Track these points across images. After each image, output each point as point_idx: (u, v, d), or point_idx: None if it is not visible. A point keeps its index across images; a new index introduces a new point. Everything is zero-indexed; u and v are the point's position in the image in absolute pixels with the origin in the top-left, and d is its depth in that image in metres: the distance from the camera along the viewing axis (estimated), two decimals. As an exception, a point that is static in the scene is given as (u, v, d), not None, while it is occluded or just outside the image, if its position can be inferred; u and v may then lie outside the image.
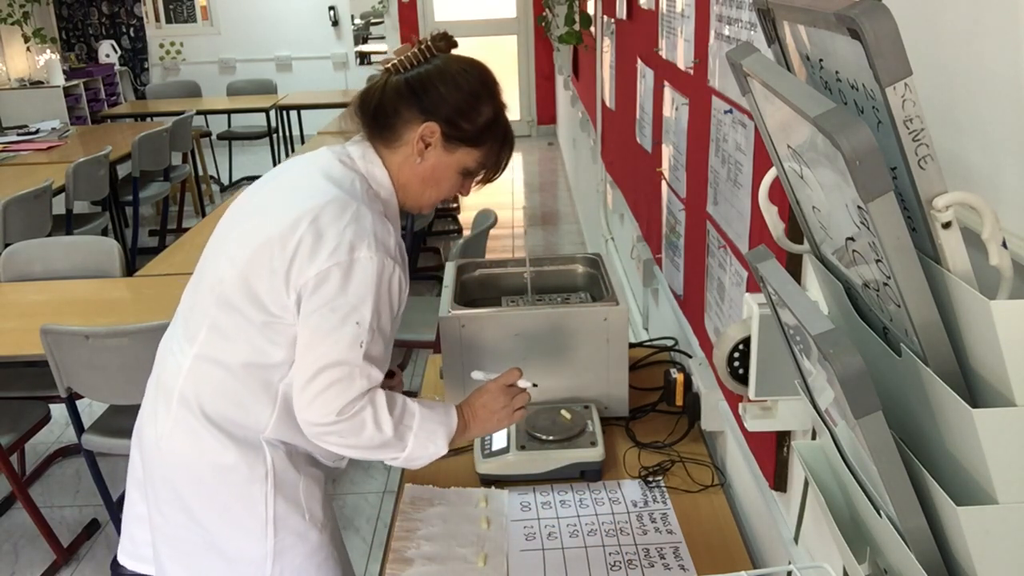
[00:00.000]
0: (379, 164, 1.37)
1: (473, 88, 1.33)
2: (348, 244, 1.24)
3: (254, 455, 1.37)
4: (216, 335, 1.34)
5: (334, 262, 1.23)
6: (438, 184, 1.39)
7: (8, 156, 4.95)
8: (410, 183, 1.38)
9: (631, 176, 2.82)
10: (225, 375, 1.34)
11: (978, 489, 0.61)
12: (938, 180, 0.59)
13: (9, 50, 7.23)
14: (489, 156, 1.38)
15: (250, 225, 1.34)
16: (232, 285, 1.30)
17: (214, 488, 1.38)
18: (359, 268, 1.24)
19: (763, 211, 0.91)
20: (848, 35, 0.58)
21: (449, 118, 1.32)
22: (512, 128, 1.42)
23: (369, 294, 1.25)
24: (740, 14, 1.39)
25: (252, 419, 1.36)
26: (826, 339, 0.61)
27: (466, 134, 1.34)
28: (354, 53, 8.53)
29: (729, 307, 1.54)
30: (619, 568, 1.40)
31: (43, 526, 2.63)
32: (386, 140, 1.36)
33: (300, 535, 1.42)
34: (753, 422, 1.20)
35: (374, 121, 1.36)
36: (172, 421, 1.38)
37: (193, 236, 3.28)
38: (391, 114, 1.34)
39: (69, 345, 2.23)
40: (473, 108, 1.33)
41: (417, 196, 1.40)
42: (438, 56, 1.35)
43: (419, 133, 1.32)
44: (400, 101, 1.33)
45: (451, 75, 1.32)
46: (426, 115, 1.32)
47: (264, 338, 1.31)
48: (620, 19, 2.84)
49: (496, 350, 1.74)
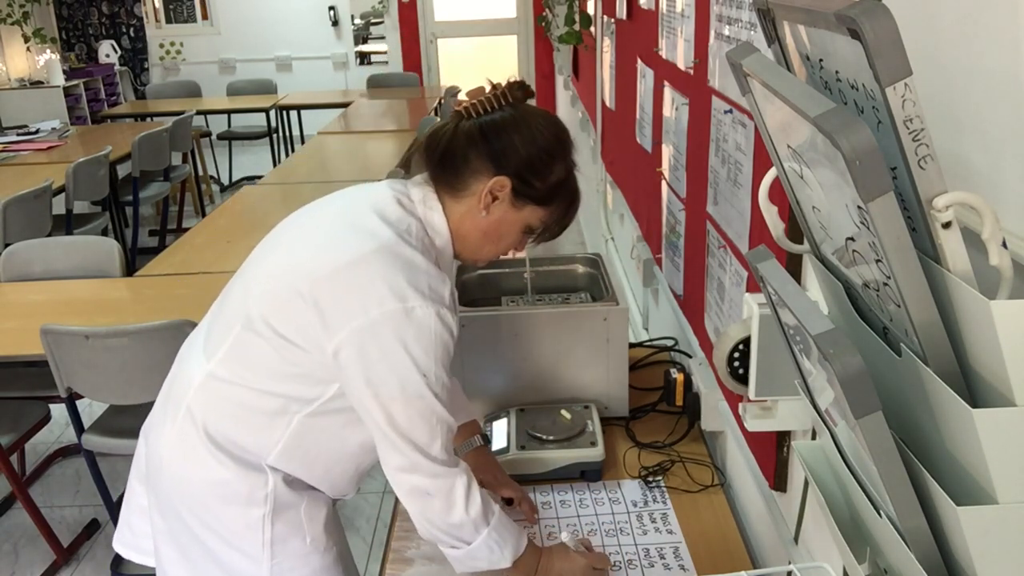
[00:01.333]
0: (439, 211, 1.29)
1: (548, 144, 1.26)
2: (401, 294, 1.16)
3: (255, 477, 1.31)
4: (236, 357, 1.28)
5: (385, 310, 1.16)
6: (499, 240, 1.32)
7: (8, 156, 4.95)
8: (470, 235, 1.31)
9: (631, 176, 2.82)
10: (238, 397, 1.28)
11: (978, 489, 0.61)
12: (938, 180, 0.59)
13: (9, 50, 7.23)
14: (555, 216, 1.32)
15: (295, 253, 1.27)
16: (263, 311, 1.24)
17: (212, 506, 1.33)
18: (415, 319, 1.17)
19: (763, 211, 0.91)
20: (848, 35, 0.58)
21: (520, 174, 1.25)
22: (580, 189, 1.34)
23: (430, 345, 1.18)
24: (740, 14, 1.39)
25: (256, 445, 1.31)
26: (826, 339, 0.61)
27: (536, 192, 1.27)
28: (354, 53, 8.53)
29: (729, 307, 1.54)
30: (619, 568, 1.40)
31: (43, 526, 2.63)
32: (451, 187, 1.28)
33: (301, 558, 1.36)
34: (753, 422, 1.20)
35: (441, 166, 1.28)
36: (177, 433, 1.33)
37: (193, 236, 3.28)
38: (460, 161, 1.26)
39: (69, 345, 2.23)
40: (546, 166, 1.26)
41: (475, 249, 1.33)
42: (513, 105, 1.27)
43: (488, 186, 1.25)
44: (472, 149, 1.25)
45: (527, 127, 1.25)
46: (497, 167, 1.24)
47: (288, 370, 1.25)
48: (620, 19, 2.84)
49: (496, 350, 1.74)
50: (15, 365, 2.76)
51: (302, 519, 1.36)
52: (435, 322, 1.18)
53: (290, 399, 1.27)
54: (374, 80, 7.20)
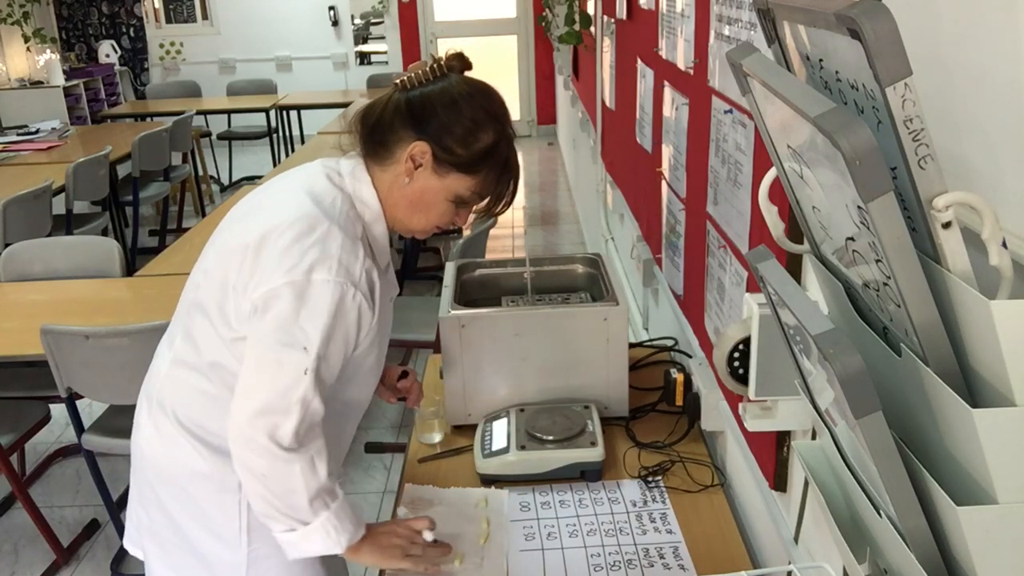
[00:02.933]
0: (368, 183, 1.32)
1: (474, 113, 1.27)
2: (307, 265, 1.19)
3: (227, 464, 1.32)
4: (189, 342, 1.33)
5: (287, 280, 1.19)
6: (427, 209, 1.32)
7: (8, 156, 4.95)
8: (398, 205, 1.33)
9: (631, 176, 2.82)
10: (195, 381, 1.33)
11: (978, 489, 0.61)
12: (938, 180, 0.59)
13: (9, 50, 7.23)
14: (485, 186, 1.31)
15: (229, 234, 1.32)
16: (205, 293, 1.29)
17: (190, 493, 1.37)
18: (314, 291, 1.19)
19: (763, 211, 0.91)
20: (848, 35, 0.58)
21: (441, 139, 1.26)
22: (518, 160, 1.33)
23: (322, 319, 1.20)
24: (740, 14, 1.39)
25: (221, 427, 1.31)
26: (826, 339, 0.61)
27: (459, 159, 1.27)
28: (354, 53, 8.53)
29: (729, 307, 1.54)
30: (619, 568, 1.40)
31: (43, 526, 2.63)
32: (378, 157, 1.31)
33: (277, 544, 1.35)
34: (753, 422, 1.20)
35: (370, 136, 1.31)
36: (152, 425, 1.38)
37: (193, 236, 3.28)
38: (387, 130, 1.29)
39: (69, 345, 2.23)
40: (470, 133, 1.26)
41: (405, 219, 1.35)
42: (447, 76, 1.29)
43: (408, 151, 1.27)
44: (397, 118, 1.28)
45: (452, 98, 1.26)
46: (419, 133, 1.27)
47: (230, 353, 1.28)
48: (620, 19, 2.84)
49: (496, 350, 1.74)
50: (15, 365, 2.76)
51: None
52: (334, 299, 1.20)
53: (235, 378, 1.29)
54: (374, 80, 7.20)
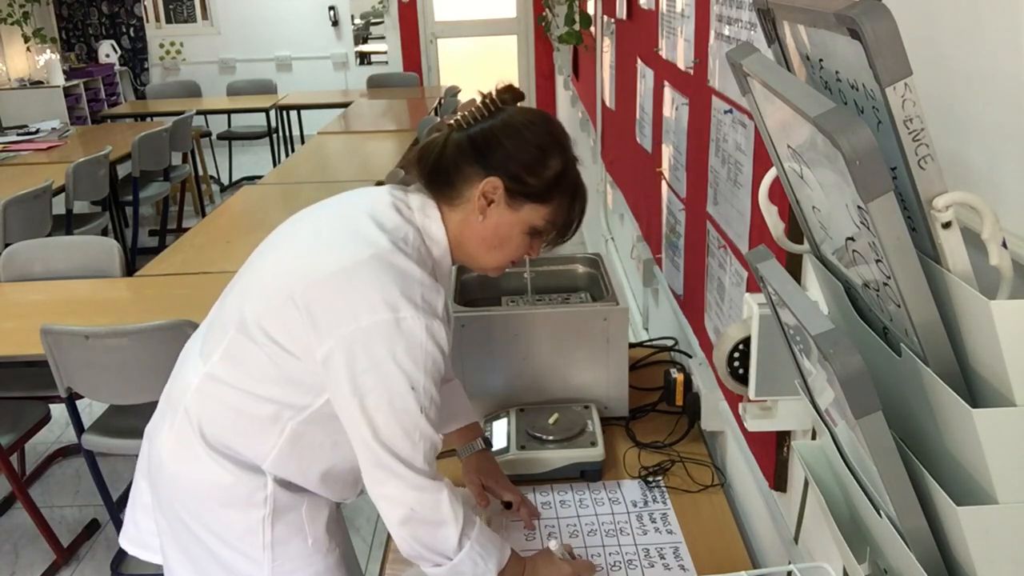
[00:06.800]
0: (438, 220, 1.27)
1: (540, 140, 1.24)
2: (393, 303, 1.15)
3: (254, 480, 1.31)
4: (230, 360, 1.27)
5: (376, 319, 1.14)
6: (502, 245, 1.28)
7: (8, 156, 4.95)
8: (470, 243, 1.28)
9: (631, 176, 2.82)
10: (232, 401, 1.27)
11: (978, 489, 0.61)
12: (938, 180, 0.59)
13: (9, 50, 7.23)
14: (558, 213, 1.27)
15: (290, 257, 1.26)
16: (257, 315, 1.23)
17: (212, 508, 1.33)
18: (405, 329, 1.15)
19: (763, 211, 0.91)
20: (848, 35, 0.58)
21: (512, 172, 1.23)
22: (585, 185, 1.30)
23: (419, 354, 1.16)
24: (740, 14, 1.39)
25: (251, 450, 1.30)
26: (826, 339, 0.61)
27: (532, 189, 1.24)
28: (354, 53, 8.53)
29: (729, 307, 1.54)
30: (619, 568, 1.40)
31: (43, 526, 2.63)
32: (447, 197, 1.27)
33: (303, 559, 1.35)
34: (753, 422, 1.20)
35: (433, 177, 1.27)
36: (175, 436, 1.33)
37: (193, 236, 3.28)
38: (451, 171, 1.25)
39: (69, 345, 2.23)
40: (539, 162, 1.23)
41: (478, 257, 1.31)
42: (503, 109, 1.26)
43: (481, 189, 1.22)
44: (461, 156, 1.24)
45: (515, 128, 1.23)
46: (487, 170, 1.23)
47: (280, 375, 1.24)
48: (620, 19, 2.84)
49: (496, 350, 1.74)
50: (15, 365, 2.75)
51: (303, 521, 1.35)
52: (425, 335, 1.16)
53: (282, 405, 1.26)
54: (374, 80, 7.20)
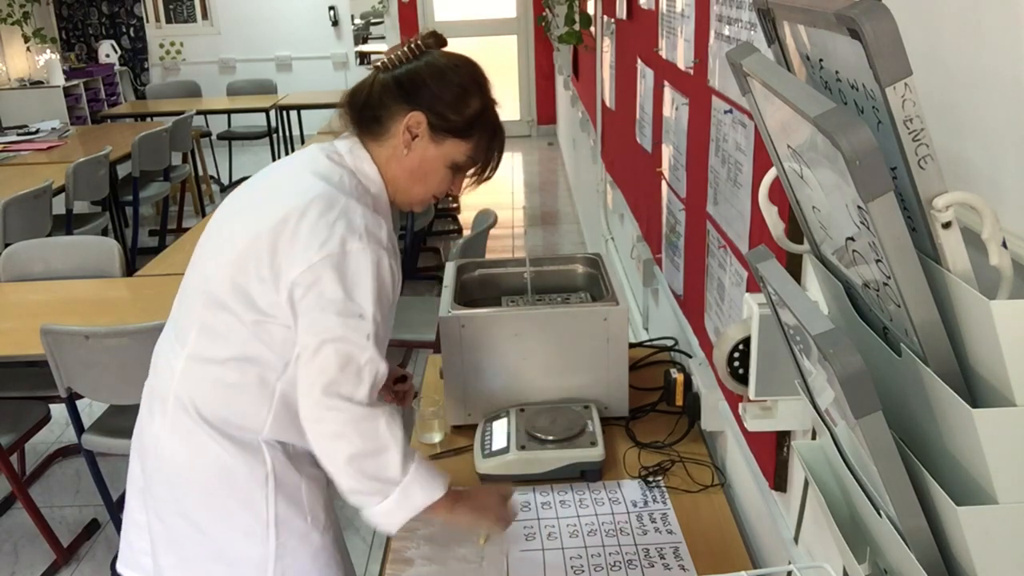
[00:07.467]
0: (367, 159, 1.36)
1: (461, 81, 1.33)
2: (339, 237, 1.23)
3: (253, 457, 1.36)
4: (207, 336, 1.33)
5: (324, 255, 1.22)
6: (426, 178, 1.37)
7: (8, 156, 4.95)
8: (398, 177, 1.37)
9: (631, 176, 2.82)
10: (218, 375, 1.33)
11: (978, 489, 0.61)
12: (938, 180, 0.59)
13: (9, 50, 7.23)
14: (478, 150, 1.37)
15: (238, 224, 1.33)
16: (221, 284, 1.30)
17: (214, 490, 1.37)
18: (352, 260, 1.23)
19: (763, 211, 0.91)
20: (848, 35, 0.58)
21: (436, 109, 1.31)
22: (503, 125, 1.39)
23: (367, 284, 1.24)
24: (740, 14, 1.39)
25: (248, 420, 1.35)
26: (826, 339, 0.61)
27: (453, 125, 1.33)
28: (354, 53, 8.53)
29: (729, 307, 1.54)
30: (619, 568, 1.40)
31: (43, 526, 2.63)
32: (374, 134, 1.36)
33: (302, 537, 1.41)
34: (753, 422, 1.20)
35: (362, 116, 1.36)
36: (169, 425, 1.37)
37: (193, 236, 3.28)
38: (378, 108, 1.34)
39: (69, 345, 2.23)
40: (461, 99, 1.32)
41: (406, 190, 1.39)
42: (428, 52, 1.35)
43: (405, 123, 1.31)
44: (387, 95, 1.33)
45: (439, 69, 1.33)
46: (412, 105, 1.32)
47: (256, 338, 1.30)
48: (620, 19, 2.84)
49: (496, 350, 1.74)
50: (15, 365, 2.76)
51: (303, 498, 1.42)
52: (372, 263, 1.24)
53: (265, 366, 1.32)
54: (366, 79, 7.19)
